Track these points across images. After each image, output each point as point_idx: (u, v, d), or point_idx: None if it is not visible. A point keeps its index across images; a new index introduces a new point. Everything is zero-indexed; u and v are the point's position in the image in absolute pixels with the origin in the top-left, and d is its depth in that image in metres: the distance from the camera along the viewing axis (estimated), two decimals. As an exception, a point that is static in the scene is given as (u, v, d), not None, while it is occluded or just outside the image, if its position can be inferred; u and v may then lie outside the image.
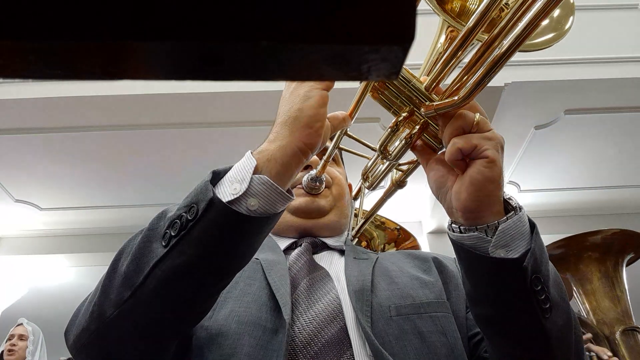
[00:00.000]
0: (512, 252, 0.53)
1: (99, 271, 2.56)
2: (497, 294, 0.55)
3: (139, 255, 0.53)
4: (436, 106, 0.55)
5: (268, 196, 0.52)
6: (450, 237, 0.59)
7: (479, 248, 0.55)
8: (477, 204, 0.54)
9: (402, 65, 0.16)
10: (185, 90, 2.39)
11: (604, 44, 2.45)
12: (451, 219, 0.60)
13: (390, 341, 0.63)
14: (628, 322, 1.43)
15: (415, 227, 3.55)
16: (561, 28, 0.59)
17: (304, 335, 0.61)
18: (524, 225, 0.55)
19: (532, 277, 0.53)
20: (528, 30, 0.44)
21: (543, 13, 0.43)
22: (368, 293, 0.69)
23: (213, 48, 0.14)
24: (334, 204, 0.89)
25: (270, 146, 0.54)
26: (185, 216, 0.50)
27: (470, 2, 0.64)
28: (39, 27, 0.13)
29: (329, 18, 0.14)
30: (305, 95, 0.54)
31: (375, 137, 0.71)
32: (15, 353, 2.91)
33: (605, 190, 3.46)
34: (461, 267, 0.60)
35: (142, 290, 0.51)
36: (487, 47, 0.49)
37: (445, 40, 0.64)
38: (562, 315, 0.57)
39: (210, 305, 0.59)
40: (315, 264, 0.77)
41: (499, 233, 0.53)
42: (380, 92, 0.61)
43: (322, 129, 0.55)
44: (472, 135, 0.53)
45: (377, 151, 0.69)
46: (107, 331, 0.53)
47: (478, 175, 0.53)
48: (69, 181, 3.14)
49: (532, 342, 0.56)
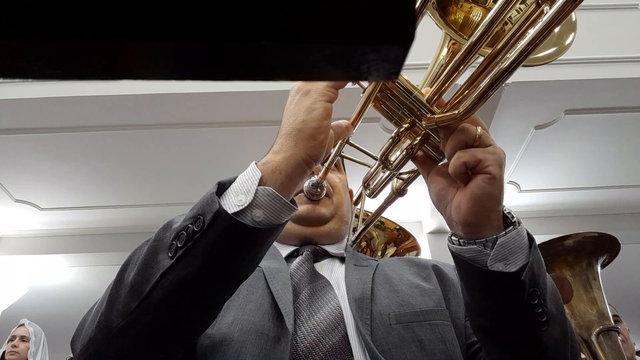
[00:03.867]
0: (510, 265, 0.54)
1: (100, 271, 2.57)
2: (495, 306, 0.56)
3: (145, 266, 0.53)
4: (437, 119, 0.56)
5: (273, 207, 0.52)
6: (450, 249, 0.60)
7: (478, 261, 0.55)
8: (477, 218, 0.55)
9: (402, 65, 0.16)
10: (185, 90, 2.38)
11: (604, 44, 2.45)
12: (451, 230, 0.61)
13: (390, 349, 0.63)
14: (605, 324, 1.44)
15: (415, 227, 3.55)
16: (562, 43, 0.60)
17: (306, 344, 0.61)
18: (523, 240, 0.56)
19: (530, 290, 0.54)
20: (531, 47, 0.44)
21: (548, 29, 0.43)
22: (368, 301, 0.70)
23: (213, 48, 0.14)
24: (335, 212, 0.90)
25: (275, 157, 0.55)
26: (192, 227, 0.51)
27: (473, 14, 0.64)
28: (38, 27, 0.13)
29: (329, 18, 0.14)
30: (309, 108, 0.55)
31: (375, 136, 0.71)
32: (17, 354, 2.91)
33: (605, 191, 3.46)
34: (460, 279, 0.61)
35: (149, 301, 0.51)
36: (489, 62, 0.50)
37: (447, 53, 0.64)
38: (559, 328, 0.57)
39: (215, 314, 0.59)
40: (316, 273, 0.77)
41: (498, 247, 0.54)
42: (382, 102, 0.61)
43: (326, 141, 0.56)
44: (476, 150, 0.54)
45: (378, 160, 0.69)
46: (114, 342, 0.54)
47: (479, 190, 0.54)
48: (69, 181, 3.14)
49: (529, 354, 0.57)
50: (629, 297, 4.23)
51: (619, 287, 3.41)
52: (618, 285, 3.17)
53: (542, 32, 0.43)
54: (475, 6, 0.64)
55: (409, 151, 0.62)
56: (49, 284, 4.43)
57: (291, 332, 0.60)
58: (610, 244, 1.53)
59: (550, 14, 0.42)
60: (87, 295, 0.82)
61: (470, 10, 0.64)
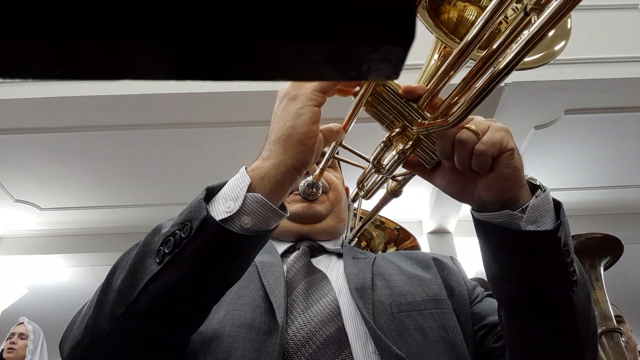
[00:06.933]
0: (541, 227, 0.55)
1: (99, 271, 2.56)
2: (528, 269, 0.57)
3: (133, 271, 0.53)
4: (428, 125, 0.56)
5: (261, 214, 0.52)
6: (477, 217, 0.60)
7: (510, 225, 0.56)
8: (514, 193, 0.56)
9: (402, 66, 0.16)
10: (185, 90, 2.38)
11: (604, 44, 2.45)
12: (479, 208, 0.61)
13: (393, 337, 0.64)
14: (608, 325, 1.43)
15: (415, 227, 3.55)
16: (553, 49, 0.59)
17: (300, 337, 0.62)
18: (550, 203, 0.57)
19: (564, 249, 0.55)
20: (521, 56, 0.44)
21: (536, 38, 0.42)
22: (369, 291, 0.70)
23: (212, 48, 0.14)
24: (331, 209, 0.90)
25: (264, 164, 0.54)
26: (179, 234, 0.51)
27: (467, 13, 0.64)
28: (38, 26, 0.13)
29: (329, 18, 0.14)
30: (297, 112, 0.54)
31: (376, 136, 0.71)
32: (15, 352, 2.91)
33: (605, 191, 3.46)
34: (487, 247, 0.61)
35: (136, 306, 0.51)
36: (481, 67, 0.50)
37: (438, 58, 0.64)
38: (584, 290, 0.59)
39: (204, 317, 0.59)
40: (312, 267, 0.77)
41: (530, 210, 0.55)
42: (373, 106, 0.61)
43: (315, 146, 0.55)
44: (491, 138, 0.54)
45: (370, 164, 0.69)
46: (101, 346, 0.54)
47: (508, 169, 0.55)
48: (68, 181, 3.14)
49: (560, 316, 0.57)
50: (631, 297, 4.23)
51: (620, 288, 3.41)
52: (619, 286, 3.17)
53: (530, 42, 0.43)
54: (469, 5, 0.64)
55: (401, 155, 0.62)
56: (48, 284, 4.43)
57: (281, 325, 0.60)
58: (614, 246, 1.52)
59: (539, 22, 0.42)
60: (87, 295, 0.83)
61: (464, 8, 0.64)
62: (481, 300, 0.78)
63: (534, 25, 0.42)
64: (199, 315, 0.58)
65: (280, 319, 0.61)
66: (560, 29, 0.60)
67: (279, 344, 0.58)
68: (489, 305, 0.76)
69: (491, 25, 0.47)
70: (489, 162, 0.55)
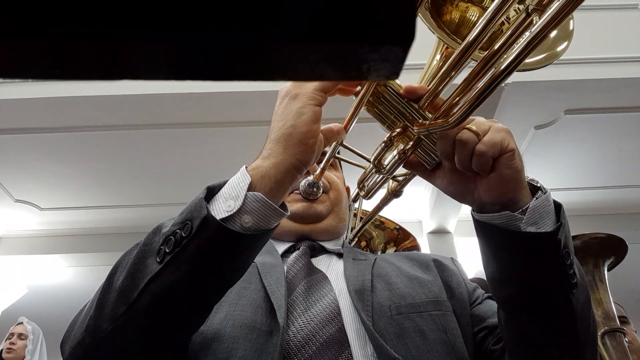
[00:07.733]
0: (541, 228, 0.55)
1: (99, 271, 2.56)
2: (528, 270, 0.57)
3: (134, 270, 0.53)
4: (429, 125, 0.56)
5: (262, 213, 0.52)
6: (477, 218, 0.60)
7: (510, 226, 0.56)
8: (514, 194, 0.56)
9: (402, 66, 0.16)
10: (185, 91, 2.39)
11: (604, 44, 2.45)
12: (479, 209, 0.61)
13: (392, 339, 0.64)
14: (611, 324, 1.42)
15: (415, 227, 3.55)
16: (555, 49, 0.59)
17: (300, 337, 0.61)
18: (550, 205, 0.57)
19: (564, 251, 0.55)
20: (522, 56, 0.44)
21: (539, 37, 0.42)
22: (369, 293, 0.70)
23: (212, 48, 0.14)
24: (332, 209, 0.90)
25: (264, 163, 0.54)
26: (180, 233, 0.51)
27: (469, 14, 0.64)
28: (38, 26, 0.13)
29: (329, 18, 0.14)
30: (298, 112, 0.54)
31: (377, 136, 0.71)
32: (14, 352, 2.91)
33: (605, 191, 3.46)
34: (487, 248, 0.61)
35: (137, 306, 0.51)
36: (482, 67, 0.49)
37: (440, 58, 0.64)
38: (584, 292, 0.59)
39: (205, 316, 0.59)
40: (313, 267, 0.77)
41: (530, 211, 0.55)
42: (374, 106, 0.61)
43: (316, 145, 0.55)
44: (492, 138, 0.54)
45: (371, 164, 0.69)
46: (102, 346, 0.54)
47: (508, 170, 0.55)
48: (68, 181, 3.14)
49: (559, 318, 0.57)
50: (635, 298, 4.22)
51: (624, 288, 3.40)
52: (623, 286, 3.16)
53: (532, 42, 0.42)
54: (471, 5, 0.63)
55: (402, 156, 0.62)
56: (48, 284, 4.43)
57: (282, 326, 0.60)
58: (618, 246, 1.51)
59: (540, 23, 0.42)
60: (87, 295, 0.83)
61: (466, 9, 0.64)
62: (481, 302, 0.77)
63: (535, 26, 0.42)
64: (199, 315, 0.57)
65: (282, 319, 0.61)
66: (562, 30, 0.60)
67: (280, 344, 0.58)
68: (489, 307, 0.76)
69: (493, 25, 0.47)
70: (490, 162, 0.55)
